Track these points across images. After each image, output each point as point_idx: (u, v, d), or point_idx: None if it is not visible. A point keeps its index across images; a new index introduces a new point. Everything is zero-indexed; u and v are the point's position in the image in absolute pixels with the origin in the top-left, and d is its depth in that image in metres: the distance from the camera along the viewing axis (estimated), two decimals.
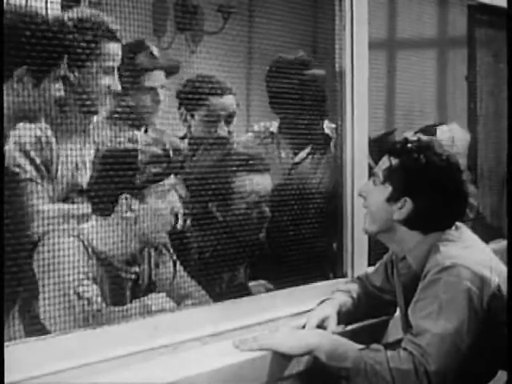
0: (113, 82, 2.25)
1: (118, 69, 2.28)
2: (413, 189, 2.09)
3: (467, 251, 2.05)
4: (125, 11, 2.09)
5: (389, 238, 2.17)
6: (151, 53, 2.51)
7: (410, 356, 1.88)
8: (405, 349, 1.91)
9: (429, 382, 1.87)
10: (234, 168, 2.41)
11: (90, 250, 2.06)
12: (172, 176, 2.16)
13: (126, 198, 2.09)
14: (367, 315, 2.36)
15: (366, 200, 2.19)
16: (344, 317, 2.25)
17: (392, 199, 2.11)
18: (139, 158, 2.08)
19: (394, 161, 2.12)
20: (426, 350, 1.88)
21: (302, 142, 2.75)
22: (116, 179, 2.02)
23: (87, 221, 2.11)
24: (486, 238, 2.25)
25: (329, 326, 2.17)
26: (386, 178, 2.12)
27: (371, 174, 2.20)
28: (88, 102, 2.21)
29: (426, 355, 1.87)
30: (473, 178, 3.48)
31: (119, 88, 2.26)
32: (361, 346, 1.96)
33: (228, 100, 2.71)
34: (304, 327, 2.18)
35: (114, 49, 2.24)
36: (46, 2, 1.97)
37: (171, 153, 2.18)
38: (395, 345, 2.03)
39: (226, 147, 2.54)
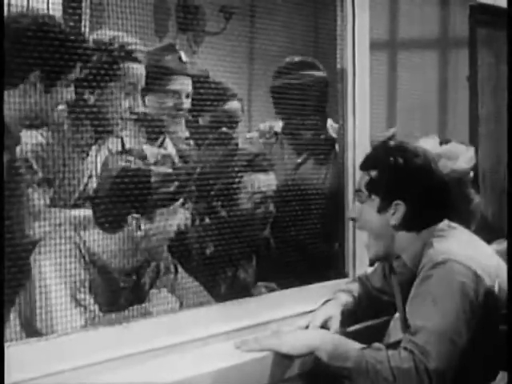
0: (134, 103, 2.24)
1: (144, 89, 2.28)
2: (400, 191, 2.10)
3: (460, 247, 2.05)
4: (126, 12, 2.09)
5: (389, 246, 2.15)
6: (179, 57, 2.50)
7: (410, 355, 1.88)
8: (405, 348, 1.91)
9: (430, 379, 1.86)
10: (239, 167, 2.41)
11: (87, 259, 2.04)
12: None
13: (136, 218, 2.06)
14: (368, 315, 2.36)
15: (359, 221, 2.19)
16: (347, 317, 2.26)
17: (383, 208, 2.11)
18: (151, 179, 2.05)
19: (373, 172, 2.13)
20: (424, 348, 1.88)
21: (305, 143, 2.74)
22: (125, 199, 2.00)
23: (87, 229, 2.09)
24: (488, 238, 2.25)
25: (332, 327, 2.17)
26: (370, 191, 2.13)
27: (355, 194, 2.21)
28: (105, 123, 2.20)
29: (425, 353, 1.87)
30: (476, 187, 3.47)
31: (141, 109, 2.26)
32: (362, 346, 1.96)
33: (234, 106, 2.71)
34: (307, 327, 2.18)
35: (135, 70, 2.23)
36: (48, 3, 1.97)
37: (181, 168, 2.16)
38: (396, 345, 2.03)
39: (231, 143, 2.52)
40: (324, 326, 2.18)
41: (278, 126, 2.83)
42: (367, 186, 2.14)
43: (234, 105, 2.71)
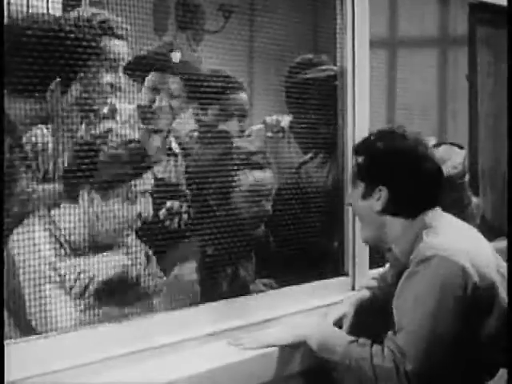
0: (116, 79, 2.24)
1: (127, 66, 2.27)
2: (382, 176, 2.08)
3: (450, 239, 2.01)
4: (126, 10, 2.09)
5: (382, 236, 2.12)
6: (169, 58, 2.49)
7: (391, 354, 1.88)
8: (388, 346, 1.90)
9: (408, 381, 1.86)
10: (235, 165, 2.40)
11: (63, 242, 2.00)
12: (148, 181, 2.09)
13: (88, 192, 2.01)
14: (381, 314, 2.35)
15: (352, 206, 2.20)
16: (361, 314, 2.25)
17: (367, 194, 2.10)
18: (100, 155, 2.00)
19: (360, 158, 2.13)
20: (402, 349, 1.87)
21: (312, 141, 2.72)
22: (77, 169, 1.97)
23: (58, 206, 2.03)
24: (488, 237, 2.24)
25: (344, 325, 2.19)
26: (357, 177, 2.13)
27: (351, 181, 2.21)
28: (90, 101, 2.19)
29: (403, 354, 1.86)
30: (475, 189, 3.45)
31: (123, 85, 2.25)
32: (352, 339, 1.97)
33: (241, 97, 2.70)
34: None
35: (116, 46, 2.22)
36: (48, 2, 1.97)
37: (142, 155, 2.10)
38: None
39: (228, 141, 2.51)
40: (338, 323, 2.20)
41: (285, 120, 2.81)
42: (354, 171, 2.15)
43: (241, 96, 2.68)
